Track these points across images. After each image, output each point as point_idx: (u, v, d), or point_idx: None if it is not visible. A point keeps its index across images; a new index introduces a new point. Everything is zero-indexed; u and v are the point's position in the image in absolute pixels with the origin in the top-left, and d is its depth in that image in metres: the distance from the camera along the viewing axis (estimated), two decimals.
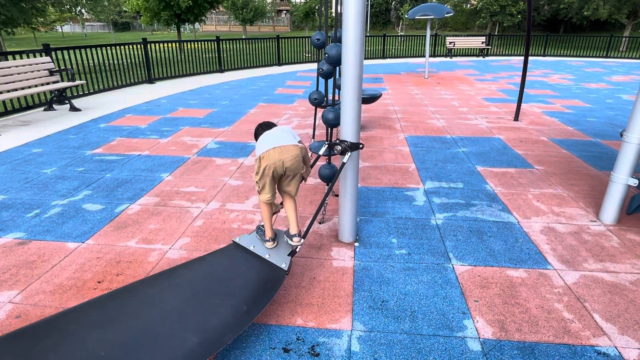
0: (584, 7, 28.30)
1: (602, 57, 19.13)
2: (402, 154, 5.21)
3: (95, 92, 9.17)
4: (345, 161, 2.76)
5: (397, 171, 4.60)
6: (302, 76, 12.74)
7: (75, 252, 2.97)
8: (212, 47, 13.02)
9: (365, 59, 17.07)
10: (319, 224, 3.40)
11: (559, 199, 3.89)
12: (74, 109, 7.45)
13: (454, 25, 43.04)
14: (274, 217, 2.74)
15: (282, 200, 2.70)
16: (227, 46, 13.51)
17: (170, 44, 12.33)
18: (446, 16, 11.88)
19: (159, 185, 4.17)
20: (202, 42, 13.36)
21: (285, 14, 52.20)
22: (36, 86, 7.18)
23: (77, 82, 7.69)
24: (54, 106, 7.62)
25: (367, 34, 23.85)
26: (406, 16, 13.44)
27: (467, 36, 20.72)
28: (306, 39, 16.84)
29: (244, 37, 16.45)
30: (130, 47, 10.25)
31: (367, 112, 7.56)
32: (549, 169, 4.68)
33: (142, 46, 10.52)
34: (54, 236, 3.17)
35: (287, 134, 2.53)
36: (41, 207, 3.66)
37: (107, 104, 8.15)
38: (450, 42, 18.72)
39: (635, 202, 3.25)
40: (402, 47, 20.30)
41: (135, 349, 1.89)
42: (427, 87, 10.76)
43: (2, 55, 7.56)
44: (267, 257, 2.54)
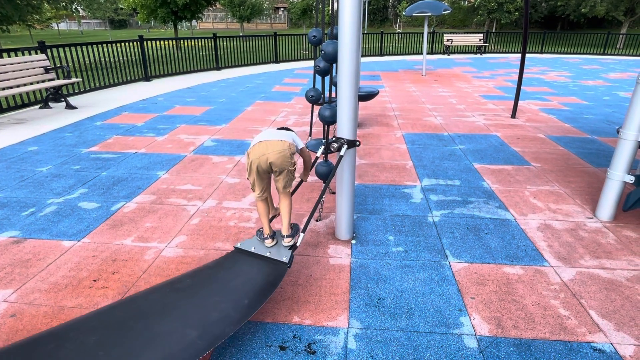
0: (582, 4, 28.38)
1: (600, 54, 19.18)
2: (399, 151, 5.21)
3: (91, 90, 9.12)
4: (342, 154, 2.75)
5: (394, 168, 4.60)
6: (300, 74, 12.71)
7: (70, 250, 2.95)
8: (209, 44, 12.96)
9: (362, 56, 17.11)
10: (316, 221, 3.39)
11: (555, 196, 3.90)
12: (69, 106, 7.41)
13: (451, 22, 43.05)
14: (272, 220, 2.73)
15: (279, 200, 2.69)
16: (224, 44, 13.46)
17: (167, 42, 12.27)
18: (444, 13, 11.86)
19: (155, 183, 4.16)
20: (199, 40, 13.31)
21: (282, 11, 52.09)
22: (32, 84, 7.13)
23: (73, 80, 7.63)
24: (49, 104, 7.57)
25: (365, 32, 23.79)
26: (404, 13, 13.41)
27: (465, 33, 20.72)
28: (303, 37, 16.81)
29: (241, 35, 16.38)
30: (126, 44, 10.20)
31: (364, 110, 7.55)
32: (546, 166, 4.68)
33: (138, 43, 10.47)
34: (50, 235, 3.16)
35: (275, 132, 2.52)
36: (36, 205, 3.64)
37: (103, 101, 8.11)
38: (447, 40, 18.71)
39: (631, 198, 3.25)
40: (399, 45, 20.28)
41: (133, 347, 1.89)
42: (424, 84, 10.75)
43: None
44: (267, 254, 2.54)
